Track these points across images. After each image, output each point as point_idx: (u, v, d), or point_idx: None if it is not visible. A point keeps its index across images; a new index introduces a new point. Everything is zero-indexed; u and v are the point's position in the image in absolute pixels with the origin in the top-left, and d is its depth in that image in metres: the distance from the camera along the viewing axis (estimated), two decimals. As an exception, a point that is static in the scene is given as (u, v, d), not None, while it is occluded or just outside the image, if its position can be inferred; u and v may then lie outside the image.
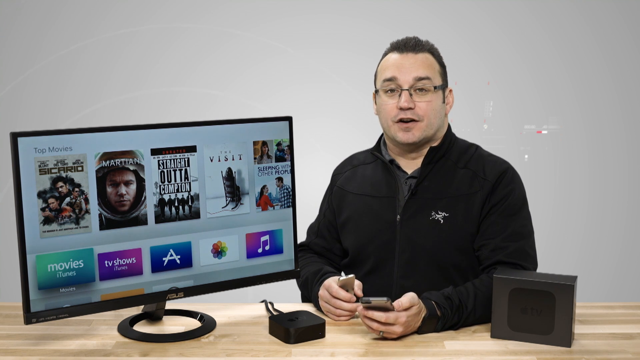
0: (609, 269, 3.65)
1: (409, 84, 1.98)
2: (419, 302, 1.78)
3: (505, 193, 1.97)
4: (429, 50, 2.03)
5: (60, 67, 3.60)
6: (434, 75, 2.00)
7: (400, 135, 1.99)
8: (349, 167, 2.19)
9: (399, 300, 1.75)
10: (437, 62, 2.03)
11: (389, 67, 2.01)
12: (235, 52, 3.61)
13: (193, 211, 1.81)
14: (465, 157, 2.03)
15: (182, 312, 1.93)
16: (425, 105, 1.97)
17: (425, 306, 1.80)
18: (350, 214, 2.11)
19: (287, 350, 1.72)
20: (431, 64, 2.01)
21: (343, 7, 3.59)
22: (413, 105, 1.97)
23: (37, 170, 1.63)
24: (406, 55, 2.00)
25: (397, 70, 1.99)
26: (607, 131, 3.64)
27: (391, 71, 2.00)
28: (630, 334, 1.81)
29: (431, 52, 2.03)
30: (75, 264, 1.69)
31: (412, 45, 2.01)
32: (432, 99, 1.98)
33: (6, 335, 1.79)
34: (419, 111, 1.97)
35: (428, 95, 1.98)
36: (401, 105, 1.97)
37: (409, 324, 1.76)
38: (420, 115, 1.97)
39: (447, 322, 1.81)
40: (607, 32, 3.58)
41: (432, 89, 1.98)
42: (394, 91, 1.99)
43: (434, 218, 1.97)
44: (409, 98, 1.97)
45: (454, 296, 1.83)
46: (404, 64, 1.99)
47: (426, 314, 1.79)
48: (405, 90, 1.97)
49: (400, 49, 2.02)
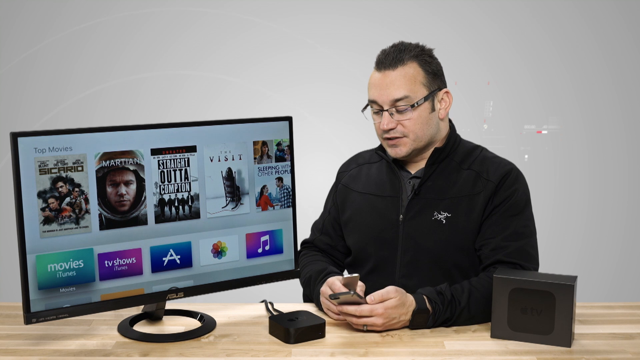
0: (609, 269, 3.65)
1: (388, 105, 1.96)
2: (398, 294, 1.78)
3: (508, 194, 1.96)
4: (413, 57, 1.97)
5: (72, 44, 3.60)
6: (414, 90, 1.95)
7: (390, 150, 2.02)
8: (354, 165, 2.19)
9: (372, 294, 1.78)
10: (422, 71, 1.97)
11: (371, 87, 2.00)
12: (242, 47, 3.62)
13: (193, 211, 1.81)
14: (470, 159, 2.03)
15: (182, 312, 1.93)
16: (409, 122, 1.96)
17: (416, 300, 1.81)
18: (353, 212, 2.11)
19: (287, 350, 1.72)
20: (411, 77, 1.96)
21: (344, 7, 3.58)
22: (394, 125, 1.97)
23: (37, 170, 1.63)
24: (384, 73, 1.97)
25: (377, 91, 1.98)
26: (607, 131, 3.64)
27: (372, 92, 1.99)
28: (630, 334, 1.81)
29: (417, 59, 1.98)
30: (75, 264, 1.69)
31: (390, 61, 1.96)
32: (413, 116, 1.96)
33: (6, 335, 1.79)
34: (402, 129, 1.97)
35: (408, 113, 1.96)
36: (382, 128, 1.98)
37: (390, 315, 1.77)
38: (404, 132, 1.97)
39: (439, 317, 1.81)
40: (607, 32, 3.58)
41: (410, 107, 1.96)
42: (378, 112, 2.00)
43: (437, 218, 1.98)
44: (389, 119, 1.96)
45: (446, 291, 1.84)
46: (381, 84, 1.97)
47: (415, 307, 1.80)
48: (386, 111, 1.97)
49: (380, 65, 1.98)
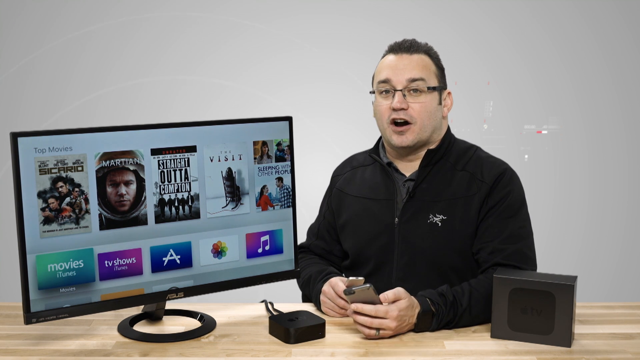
0: (609, 269, 3.65)
1: (403, 85, 1.97)
2: (407, 295, 1.78)
3: (502, 195, 1.96)
4: (425, 51, 2.02)
5: (69, 50, 3.60)
6: (428, 76, 1.98)
7: (395, 138, 1.99)
8: (348, 168, 2.18)
9: (384, 293, 1.76)
10: (433, 64, 2.01)
11: (383, 68, 2.01)
12: (237, 50, 3.62)
13: (193, 211, 1.81)
14: (464, 159, 2.02)
15: (182, 312, 1.93)
16: (419, 107, 1.96)
17: (419, 302, 1.80)
18: (349, 216, 2.10)
19: (287, 350, 1.72)
20: (426, 64, 2.00)
21: (343, 7, 3.58)
22: (406, 106, 1.96)
23: (37, 170, 1.63)
24: (401, 56, 2.00)
25: (391, 71, 1.98)
26: (607, 131, 3.64)
27: (385, 73, 1.99)
28: (630, 334, 1.81)
29: (428, 54, 2.02)
30: (75, 264, 1.69)
31: (407, 47, 2.00)
32: (425, 100, 1.97)
33: (6, 335, 1.79)
34: (412, 112, 1.96)
35: (422, 97, 1.97)
36: (394, 106, 1.96)
37: (402, 318, 1.76)
38: (413, 117, 1.96)
39: (442, 319, 1.81)
40: (607, 32, 3.58)
41: (426, 89, 1.97)
42: (388, 92, 1.99)
43: (432, 221, 1.97)
44: (402, 99, 1.96)
45: (447, 293, 1.83)
46: (398, 65, 1.98)
47: (420, 310, 1.79)
48: (399, 91, 1.96)
49: (395, 50, 2.02)
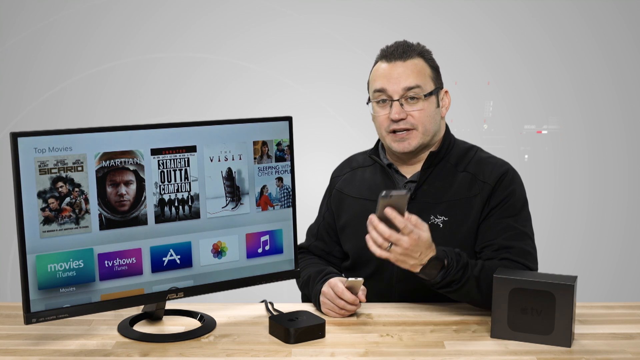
0: (609, 269, 3.65)
1: (399, 94, 1.95)
2: (429, 234, 1.74)
3: (505, 195, 1.96)
4: (419, 54, 1.99)
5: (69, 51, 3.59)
6: (424, 81, 1.96)
7: (396, 145, 1.97)
8: (347, 169, 2.17)
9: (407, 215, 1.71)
10: (428, 66, 1.99)
11: (378, 77, 1.98)
12: (237, 50, 3.62)
13: (193, 211, 1.81)
14: (465, 160, 2.02)
15: (182, 312, 1.93)
16: (418, 114, 1.95)
17: (436, 250, 1.77)
18: (349, 218, 2.10)
19: (287, 350, 1.72)
20: (421, 69, 1.97)
21: (343, 7, 3.58)
22: (405, 116, 1.95)
23: (37, 170, 1.63)
24: (394, 64, 1.97)
25: (386, 81, 1.96)
26: (607, 131, 3.64)
27: (380, 82, 1.97)
28: (630, 334, 1.81)
29: (422, 56, 1.99)
30: (75, 264, 1.69)
31: (400, 53, 1.97)
32: (424, 107, 1.95)
33: (6, 335, 1.79)
34: (412, 119, 1.95)
35: (419, 103, 1.95)
36: (392, 117, 1.95)
37: (417, 248, 1.72)
38: (414, 123, 1.95)
39: (449, 274, 1.78)
40: (607, 32, 3.58)
41: (423, 97, 1.95)
42: (385, 101, 1.97)
43: (434, 222, 1.96)
44: (399, 109, 1.95)
45: (463, 255, 1.82)
46: (392, 74, 1.96)
47: (434, 254, 1.76)
48: (396, 101, 1.95)
49: (388, 57, 1.98)
